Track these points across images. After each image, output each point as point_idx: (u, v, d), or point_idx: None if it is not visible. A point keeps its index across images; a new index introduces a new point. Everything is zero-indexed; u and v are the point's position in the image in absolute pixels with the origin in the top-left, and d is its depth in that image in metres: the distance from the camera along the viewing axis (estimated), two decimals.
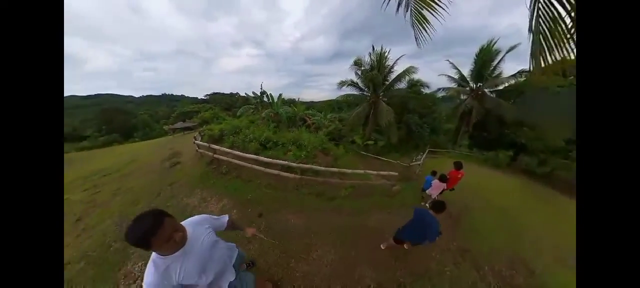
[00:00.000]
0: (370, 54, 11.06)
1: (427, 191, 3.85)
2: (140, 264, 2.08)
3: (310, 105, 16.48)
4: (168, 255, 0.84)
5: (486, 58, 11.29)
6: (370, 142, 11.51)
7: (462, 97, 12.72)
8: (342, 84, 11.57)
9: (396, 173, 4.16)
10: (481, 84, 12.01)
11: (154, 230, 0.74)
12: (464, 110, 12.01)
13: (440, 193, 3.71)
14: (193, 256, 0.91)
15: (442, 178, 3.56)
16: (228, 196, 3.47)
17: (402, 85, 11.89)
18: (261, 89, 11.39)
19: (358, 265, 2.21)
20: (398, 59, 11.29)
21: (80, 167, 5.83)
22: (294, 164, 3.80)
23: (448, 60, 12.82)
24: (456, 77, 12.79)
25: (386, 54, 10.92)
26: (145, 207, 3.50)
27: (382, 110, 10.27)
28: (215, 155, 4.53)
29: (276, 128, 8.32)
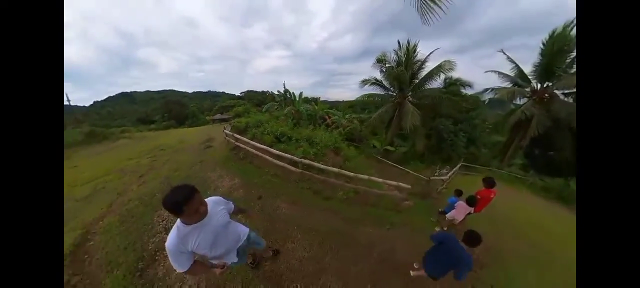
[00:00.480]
0: (395, 50, 9.97)
1: (447, 215, 3.19)
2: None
3: (335, 104, 16.52)
4: (190, 224, 1.00)
5: (560, 47, 7.70)
6: (390, 148, 10.66)
7: (520, 100, 9.46)
8: (364, 82, 10.84)
9: (409, 186, 3.51)
10: (550, 83, 8.59)
11: (186, 201, 0.91)
12: (519, 118, 8.70)
13: (464, 218, 3.08)
14: (208, 230, 1.07)
15: (471, 201, 2.83)
16: (239, 177, 4.13)
17: (438, 83, 10.42)
18: (284, 87, 12.38)
19: (325, 272, 2.12)
20: (431, 53, 9.72)
21: (147, 143, 7.89)
22: (296, 159, 4.15)
23: (502, 51, 9.61)
24: (512, 74, 9.72)
25: (415, 48, 9.64)
26: (182, 174, 4.50)
27: (407, 112, 9.13)
28: (236, 143, 5.33)
29: (296, 124, 9.00)
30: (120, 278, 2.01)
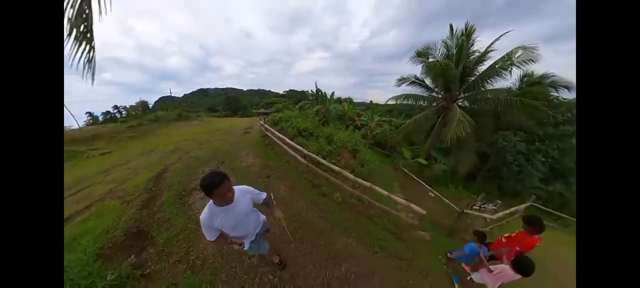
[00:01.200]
0: (445, 40, 7.91)
1: (462, 262, 2.57)
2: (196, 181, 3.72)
3: (372, 106, 15.66)
4: (218, 206, 1.18)
5: None
6: (423, 161, 8.84)
7: None
8: (401, 81, 8.96)
9: (423, 211, 2.73)
10: None
11: (216, 186, 1.07)
12: None
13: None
14: (232, 215, 1.25)
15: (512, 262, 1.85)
16: (259, 158, 5.18)
17: (509, 83, 7.71)
18: (316, 87, 13.25)
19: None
20: (498, 38, 6.88)
21: (210, 125, 11.16)
22: (304, 152, 4.66)
23: None
24: None
25: (472, 31, 7.19)
26: (225, 148, 5.92)
27: (452, 119, 6.89)
28: (266, 132, 6.44)
29: (325, 123, 9.63)
30: (173, 197, 3.42)
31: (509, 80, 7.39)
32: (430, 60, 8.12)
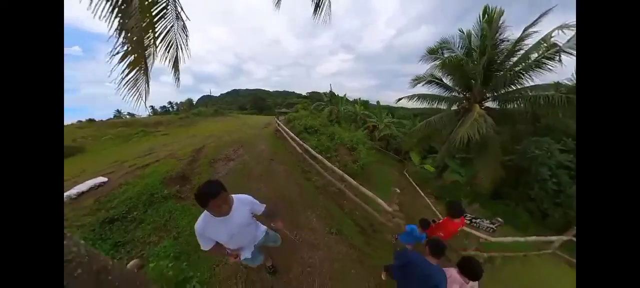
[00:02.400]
0: (464, 31, 6.90)
1: (403, 243, 2.75)
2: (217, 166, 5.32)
3: (394, 109, 15.25)
4: (215, 216, 1.14)
5: None
6: (428, 167, 8.15)
7: None
8: (416, 81, 7.98)
9: (390, 208, 2.64)
10: None
11: (212, 196, 1.05)
12: None
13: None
14: (227, 226, 1.21)
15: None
16: (270, 146, 6.74)
17: (552, 77, 6.17)
18: (330, 89, 14.38)
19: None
20: (534, 23, 5.32)
21: (239, 120, 14.39)
22: (303, 144, 5.76)
23: None
24: None
25: (500, 15, 5.83)
26: (246, 138, 7.60)
27: (474, 123, 5.74)
28: (278, 128, 7.95)
29: (336, 122, 10.66)
30: (206, 162, 5.03)
31: (555, 72, 5.41)
32: (449, 55, 7.07)
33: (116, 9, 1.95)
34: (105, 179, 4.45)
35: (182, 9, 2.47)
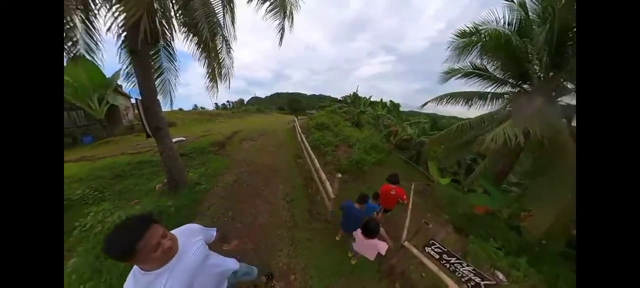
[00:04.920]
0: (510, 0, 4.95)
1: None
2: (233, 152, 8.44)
3: (394, 107, 14.29)
4: (151, 270, 0.78)
5: None
6: (443, 181, 6.95)
7: None
8: (449, 73, 6.50)
9: (332, 195, 3.38)
10: None
11: (137, 241, 0.70)
12: None
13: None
14: (180, 272, 0.85)
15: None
16: (284, 136, 9.88)
17: None
18: (356, 91, 15.29)
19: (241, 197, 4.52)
20: None
21: (276, 118, 20.15)
22: (301, 136, 7.64)
23: None
24: None
25: None
26: (270, 129, 11.73)
27: (515, 114, 4.19)
28: (294, 123, 10.39)
29: (357, 124, 11.92)
30: (238, 140, 8.74)
31: None
32: (485, 37, 5.23)
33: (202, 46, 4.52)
34: (183, 138, 8.04)
35: (229, 46, 5.02)
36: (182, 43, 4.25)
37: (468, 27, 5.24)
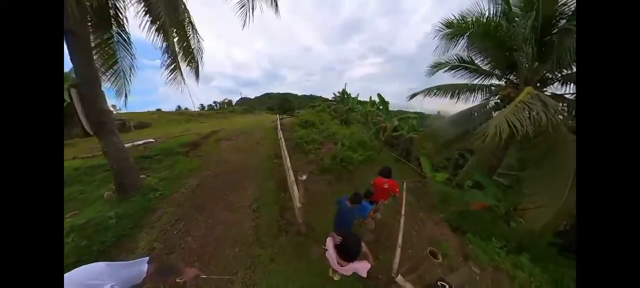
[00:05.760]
0: None
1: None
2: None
3: (383, 104, 14.80)
4: None
5: None
6: (439, 177, 6.53)
7: None
8: (436, 66, 6.46)
9: (299, 204, 2.91)
10: None
11: None
12: None
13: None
14: None
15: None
16: (264, 135, 9.29)
17: None
18: (344, 89, 14.84)
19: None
20: None
21: (264, 117, 18.99)
22: (280, 134, 7.18)
23: None
24: None
25: None
26: (251, 127, 11.44)
27: (520, 105, 3.83)
28: (280, 121, 9.89)
29: (345, 122, 11.60)
30: (214, 140, 7.67)
31: None
32: (472, 26, 5.14)
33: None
34: (153, 140, 7.35)
35: (200, 37, 4.58)
36: (141, 31, 3.71)
37: (454, 17, 5.22)
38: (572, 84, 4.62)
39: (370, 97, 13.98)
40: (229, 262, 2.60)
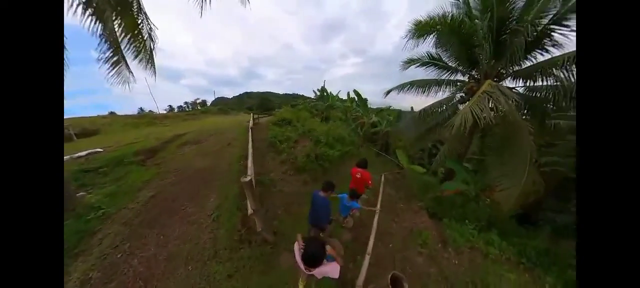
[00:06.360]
0: None
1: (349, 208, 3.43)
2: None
3: (361, 101, 13.93)
4: None
5: None
6: (416, 168, 7.03)
7: None
8: (409, 63, 6.95)
9: (253, 209, 2.73)
10: None
11: None
12: None
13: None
14: None
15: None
16: (236, 136, 8.22)
17: None
18: (323, 86, 14.60)
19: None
20: None
21: (242, 117, 17.02)
22: (250, 134, 6.81)
23: None
24: None
25: None
26: (220, 131, 10.24)
27: (483, 96, 4.16)
28: (259, 119, 9.50)
29: (325, 119, 11.42)
30: (176, 145, 6.92)
31: None
32: (438, 25, 5.56)
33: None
34: (101, 149, 6.37)
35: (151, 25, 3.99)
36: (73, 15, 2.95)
37: (422, 17, 5.66)
38: (520, 79, 5.29)
39: (348, 94, 14.11)
40: (180, 284, 2.30)
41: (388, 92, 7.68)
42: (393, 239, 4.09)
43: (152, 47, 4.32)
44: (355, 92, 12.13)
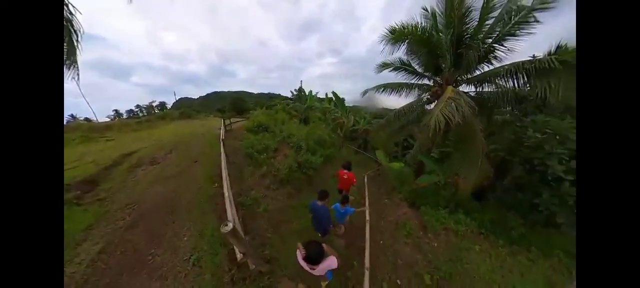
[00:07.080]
0: (425, 10, 6.37)
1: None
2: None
3: (338, 101, 14.15)
4: None
5: None
6: (395, 165, 7.62)
7: None
8: (382, 67, 7.67)
9: (230, 224, 2.11)
10: None
11: None
12: None
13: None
14: None
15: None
16: (203, 149, 7.50)
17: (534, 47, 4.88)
18: (300, 86, 14.30)
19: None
20: None
21: (211, 122, 15.66)
22: (222, 147, 6.12)
23: None
24: None
25: None
26: (184, 142, 8.98)
27: (448, 101, 4.94)
28: (232, 124, 8.87)
29: (304, 120, 11.04)
30: (126, 169, 5.58)
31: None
32: (410, 35, 6.25)
33: None
34: None
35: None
36: None
37: (397, 25, 6.34)
38: (472, 85, 6.52)
39: (326, 94, 14.04)
40: None
41: (365, 92, 8.36)
42: (383, 236, 4.51)
43: (77, 37, 3.35)
44: (333, 93, 12.12)
